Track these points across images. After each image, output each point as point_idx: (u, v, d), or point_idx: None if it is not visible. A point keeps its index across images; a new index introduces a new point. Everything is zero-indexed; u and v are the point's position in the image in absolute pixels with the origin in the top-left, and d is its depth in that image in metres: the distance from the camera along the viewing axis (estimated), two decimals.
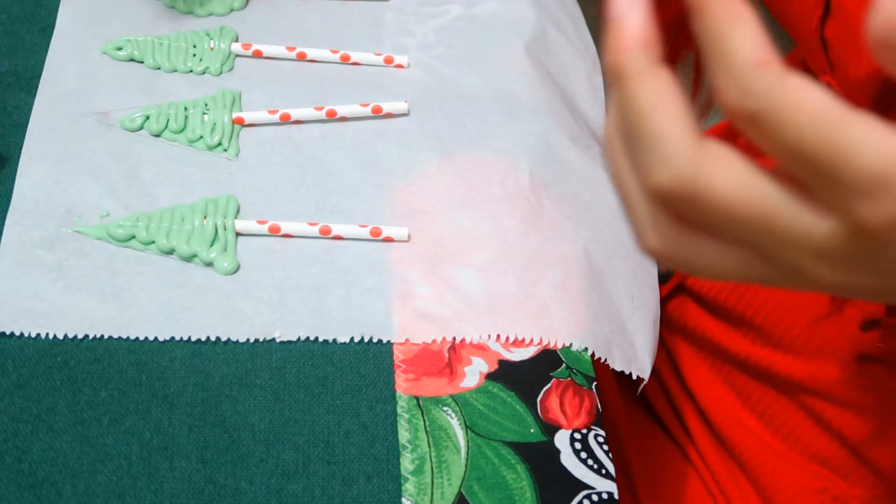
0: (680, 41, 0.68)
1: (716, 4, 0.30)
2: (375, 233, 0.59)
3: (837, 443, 0.68)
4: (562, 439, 0.53)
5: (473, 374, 0.55)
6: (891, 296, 0.34)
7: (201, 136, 0.63)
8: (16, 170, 0.60)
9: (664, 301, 0.77)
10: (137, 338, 0.54)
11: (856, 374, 0.67)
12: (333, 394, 0.54)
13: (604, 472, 0.52)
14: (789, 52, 0.75)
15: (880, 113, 0.30)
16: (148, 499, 0.49)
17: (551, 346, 0.56)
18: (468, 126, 0.65)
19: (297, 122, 0.65)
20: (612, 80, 0.32)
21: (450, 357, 0.55)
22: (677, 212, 0.32)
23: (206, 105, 0.65)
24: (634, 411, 0.77)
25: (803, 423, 0.70)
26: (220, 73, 0.67)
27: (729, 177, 0.31)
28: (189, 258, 0.57)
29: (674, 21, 0.67)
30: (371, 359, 0.55)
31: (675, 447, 0.76)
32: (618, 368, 0.55)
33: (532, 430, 0.53)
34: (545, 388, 0.55)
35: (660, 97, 0.31)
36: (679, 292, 0.76)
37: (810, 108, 0.29)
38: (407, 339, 0.55)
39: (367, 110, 0.65)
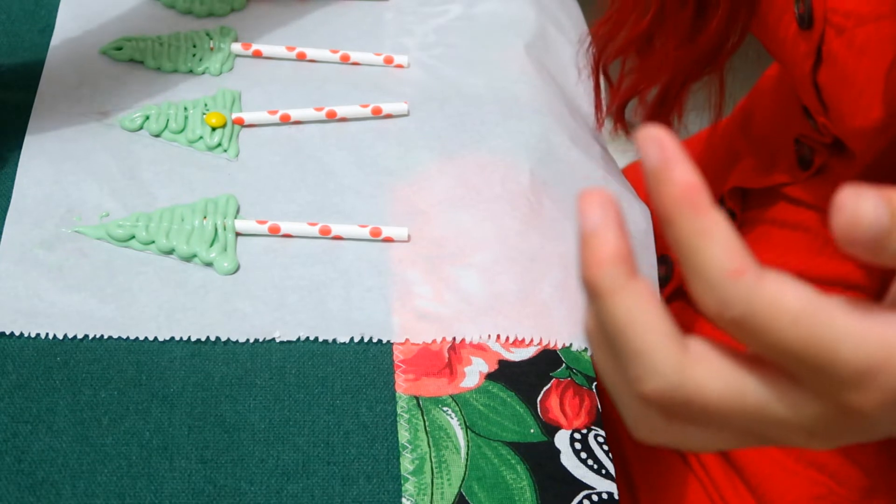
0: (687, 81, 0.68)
1: (686, 219, 0.30)
2: (375, 233, 0.59)
3: (835, 449, 0.68)
4: (562, 439, 0.53)
5: (473, 374, 0.55)
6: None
7: (201, 137, 0.63)
8: (16, 170, 0.60)
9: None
10: (137, 338, 0.54)
11: None
12: (333, 394, 0.54)
13: (604, 472, 0.52)
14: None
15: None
16: (148, 499, 0.49)
17: (551, 346, 0.56)
18: (468, 126, 0.65)
19: (297, 122, 0.65)
20: (589, 295, 0.32)
21: (450, 357, 0.55)
22: (667, 412, 0.33)
23: (206, 105, 0.65)
24: None
25: None
26: (220, 73, 0.67)
27: (714, 379, 0.31)
28: (189, 258, 0.57)
29: (689, 65, 0.67)
30: (371, 359, 0.55)
31: (675, 452, 0.76)
32: None
33: (532, 431, 0.53)
34: (545, 388, 0.55)
35: (638, 310, 0.31)
36: (679, 296, 0.76)
37: (789, 308, 0.29)
38: (407, 339, 0.55)
39: (367, 111, 0.65)
